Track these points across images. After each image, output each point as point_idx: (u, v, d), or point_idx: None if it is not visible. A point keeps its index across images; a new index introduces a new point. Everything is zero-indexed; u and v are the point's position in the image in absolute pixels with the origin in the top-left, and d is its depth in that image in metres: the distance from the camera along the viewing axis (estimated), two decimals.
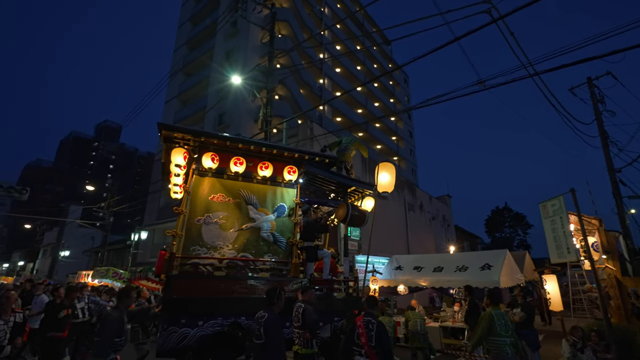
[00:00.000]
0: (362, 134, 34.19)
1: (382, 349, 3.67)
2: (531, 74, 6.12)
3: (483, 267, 8.06)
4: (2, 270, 50.77)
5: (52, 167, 79.42)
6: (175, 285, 4.34)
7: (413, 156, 43.81)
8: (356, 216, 5.91)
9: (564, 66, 5.09)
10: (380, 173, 7.84)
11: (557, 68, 5.19)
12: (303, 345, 4.04)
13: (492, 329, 4.35)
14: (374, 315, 4.04)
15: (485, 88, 6.26)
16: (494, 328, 4.35)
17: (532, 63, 6.08)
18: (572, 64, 4.98)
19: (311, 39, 27.49)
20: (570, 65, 5.05)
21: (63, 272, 30.92)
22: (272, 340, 3.49)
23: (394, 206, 18.37)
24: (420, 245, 18.84)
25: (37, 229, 41.40)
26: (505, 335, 4.38)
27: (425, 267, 9.07)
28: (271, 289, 3.88)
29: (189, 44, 28.10)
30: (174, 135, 4.95)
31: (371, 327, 3.76)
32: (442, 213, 25.18)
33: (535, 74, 6.11)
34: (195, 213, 4.88)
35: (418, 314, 6.94)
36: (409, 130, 44.28)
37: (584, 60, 4.96)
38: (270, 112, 10.55)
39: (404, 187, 20.24)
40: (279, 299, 3.78)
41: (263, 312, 3.64)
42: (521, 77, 6.05)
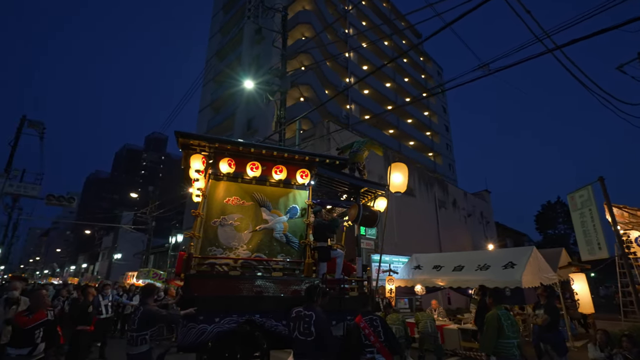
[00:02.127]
0: (393, 131, 33.42)
1: (391, 342, 3.78)
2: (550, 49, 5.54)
3: (506, 266, 7.51)
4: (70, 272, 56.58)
5: (109, 177, 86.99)
6: (193, 283, 4.57)
7: (450, 151, 41.96)
8: (368, 216, 5.87)
9: (595, 34, 4.57)
10: (392, 173, 7.66)
11: (587, 37, 4.62)
12: None
13: (501, 331, 4.03)
14: (373, 312, 4.16)
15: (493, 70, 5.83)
16: (502, 329, 4.03)
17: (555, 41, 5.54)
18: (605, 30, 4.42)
19: (335, 38, 27.46)
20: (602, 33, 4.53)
21: (118, 273, 33.69)
22: (324, 339, 3.48)
23: (423, 204, 17.71)
24: (454, 244, 17.95)
25: (95, 234, 45.51)
26: (513, 336, 4.05)
27: (445, 266, 8.64)
28: (311, 287, 3.89)
29: (218, 54, 29.34)
30: (190, 143, 5.26)
31: (376, 324, 3.86)
32: (479, 209, 23.80)
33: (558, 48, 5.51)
34: (211, 215, 5.12)
35: (427, 315, 6.69)
36: (444, 124, 42.52)
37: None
38: (284, 114, 10.70)
39: (434, 183, 19.43)
40: (318, 296, 3.75)
41: (305, 310, 3.58)
42: (541, 52, 5.50)
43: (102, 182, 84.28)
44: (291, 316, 3.53)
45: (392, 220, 14.40)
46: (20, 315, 4.28)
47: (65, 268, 61.94)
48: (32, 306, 4.34)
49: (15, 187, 15.57)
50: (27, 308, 4.46)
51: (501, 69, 5.73)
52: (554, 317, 4.93)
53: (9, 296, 5.17)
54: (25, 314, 4.29)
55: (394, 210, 14.72)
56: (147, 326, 3.98)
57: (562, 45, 5.26)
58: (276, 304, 4.81)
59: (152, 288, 4.60)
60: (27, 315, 4.27)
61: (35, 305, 4.33)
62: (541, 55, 5.58)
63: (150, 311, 4.07)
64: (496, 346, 4.02)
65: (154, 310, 4.08)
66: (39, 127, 19.85)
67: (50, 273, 64.55)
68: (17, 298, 5.15)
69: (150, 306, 4.25)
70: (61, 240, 78.04)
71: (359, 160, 7.50)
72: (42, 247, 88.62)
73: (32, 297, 4.58)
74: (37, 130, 19.85)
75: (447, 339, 7.79)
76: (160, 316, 4.10)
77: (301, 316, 3.54)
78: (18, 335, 4.15)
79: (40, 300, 4.43)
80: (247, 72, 23.57)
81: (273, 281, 4.93)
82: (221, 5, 32.17)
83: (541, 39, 5.55)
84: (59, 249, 72.10)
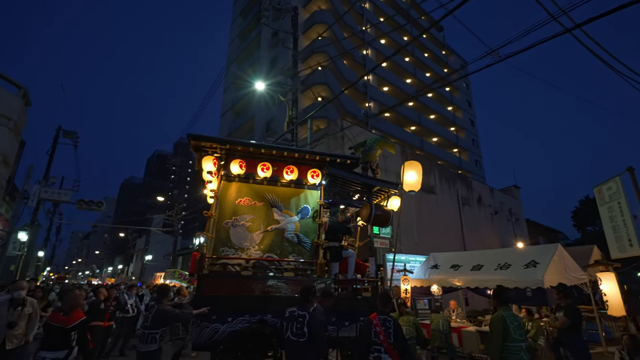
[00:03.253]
0: (415, 127, 32.65)
1: (400, 345, 3.79)
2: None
3: (528, 265, 7.07)
4: (108, 273, 59.80)
5: (142, 182, 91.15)
6: (205, 283, 4.65)
7: (476, 146, 40.43)
8: (380, 216, 5.76)
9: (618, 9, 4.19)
10: (406, 172, 7.46)
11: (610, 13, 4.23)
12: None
13: (507, 334, 3.78)
14: (388, 313, 4.07)
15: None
16: (508, 332, 3.78)
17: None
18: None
19: (352, 35, 27.21)
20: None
21: (149, 274, 35.19)
22: (317, 340, 3.54)
23: (444, 201, 17.13)
24: (480, 242, 17.21)
25: (129, 237, 47.80)
26: (520, 339, 3.79)
27: (463, 265, 8.28)
28: (307, 287, 3.93)
29: (237, 59, 29.93)
30: (202, 145, 5.37)
31: (388, 325, 3.87)
32: (507, 206, 22.69)
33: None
34: (223, 216, 5.20)
35: (441, 315, 6.49)
36: (469, 119, 41.03)
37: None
38: (296, 114, 10.72)
39: (456, 180, 18.74)
40: (314, 297, 3.85)
41: (299, 310, 3.62)
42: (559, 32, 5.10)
43: (136, 187, 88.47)
44: (284, 316, 3.49)
45: (411, 219, 14.03)
46: (57, 314, 3.92)
47: (104, 269, 65.59)
48: (66, 306, 3.94)
49: (50, 193, 16.59)
50: (59, 308, 4.12)
51: (514, 53, 5.39)
52: (574, 319, 4.54)
53: (15, 297, 4.77)
54: (60, 314, 3.92)
55: (413, 209, 14.34)
56: (159, 325, 4.08)
57: (582, 23, 4.85)
58: (288, 305, 4.80)
59: (167, 288, 4.73)
60: (63, 315, 3.88)
61: (71, 305, 3.93)
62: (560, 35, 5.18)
63: (164, 310, 4.17)
64: (502, 350, 3.75)
65: (168, 310, 4.19)
66: (73, 136, 21.07)
67: (91, 274, 68.62)
68: (24, 299, 4.79)
69: (165, 305, 4.35)
70: (100, 243, 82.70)
71: (372, 159, 7.37)
72: (83, 249, 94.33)
73: (66, 296, 4.13)
74: (72, 140, 21.09)
75: (465, 342, 7.45)
76: (173, 315, 4.21)
77: (294, 316, 3.51)
78: (54, 336, 3.74)
79: (76, 300, 4.03)
80: (265, 75, 23.88)
81: (284, 281, 4.93)
82: (239, 11, 32.81)
83: (557, 17, 5.17)
84: (97, 251, 76.52)
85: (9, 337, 4.53)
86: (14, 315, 4.62)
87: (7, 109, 16.49)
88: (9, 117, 16.57)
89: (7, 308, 4.63)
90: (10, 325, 4.55)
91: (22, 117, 18.41)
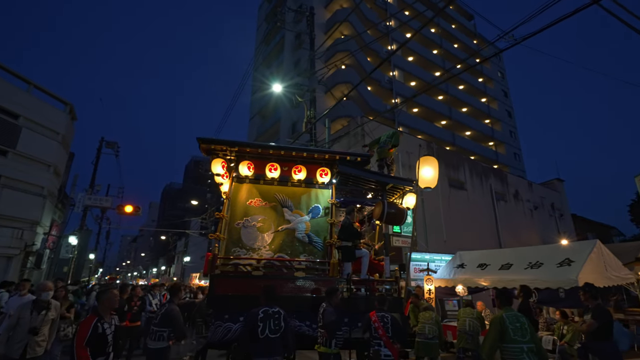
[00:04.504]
0: (445, 121, 31.45)
1: (397, 338, 4.20)
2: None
3: (561, 263, 6.54)
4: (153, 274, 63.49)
5: (181, 187, 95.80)
6: (217, 283, 4.80)
7: (515, 138, 38.16)
8: (393, 214, 5.64)
9: None
10: (421, 168, 7.22)
11: None
12: (322, 344, 4.18)
13: (505, 335, 3.58)
14: (386, 310, 4.44)
15: None
16: (506, 333, 3.59)
17: None
18: None
19: (375, 31, 26.78)
20: None
21: (188, 274, 36.90)
22: (289, 333, 3.73)
23: (476, 197, 16.31)
24: (517, 240, 16.20)
25: (169, 239, 50.43)
26: (522, 340, 3.54)
27: (491, 264, 7.82)
28: (269, 287, 3.98)
29: (263, 63, 30.56)
30: (212, 147, 5.55)
31: (386, 321, 4.23)
32: (549, 201, 21.16)
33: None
34: (235, 217, 5.34)
35: (469, 312, 6.15)
36: (506, 109, 38.81)
37: None
38: (314, 114, 10.72)
39: (489, 175, 17.76)
40: (275, 294, 3.94)
41: (271, 308, 3.70)
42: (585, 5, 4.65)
43: (175, 193, 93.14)
44: (258, 317, 3.50)
45: (439, 217, 13.51)
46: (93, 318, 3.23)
47: (149, 270, 69.74)
48: (103, 307, 3.25)
49: (93, 200, 17.86)
50: (95, 309, 3.42)
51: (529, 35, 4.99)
52: (603, 322, 4.11)
53: (42, 298, 4.27)
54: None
55: (441, 206, 13.81)
56: (166, 324, 4.07)
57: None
58: (299, 304, 4.80)
59: (179, 287, 4.83)
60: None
61: (107, 307, 3.29)
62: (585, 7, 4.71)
63: (172, 311, 4.18)
64: (502, 352, 3.57)
65: (175, 313, 4.18)
66: (114, 146, 22.58)
67: (138, 275, 73.35)
68: (49, 302, 4.32)
69: (175, 305, 4.43)
70: (146, 246, 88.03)
71: (386, 155, 7.20)
72: (131, 252, 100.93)
73: (103, 297, 3.38)
74: (113, 150, 22.61)
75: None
76: (175, 320, 4.15)
77: (269, 314, 3.55)
78: (102, 340, 3.06)
79: (112, 301, 3.38)
80: (289, 77, 24.16)
81: (295, 281, 4.95)
82: (264, 16, 33.50)
83: None
84: (143, 253, 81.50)
85: (30, 344, 4.05)
86: (37, 320, 4.14)
87: (56, 124, 18.02)
88: (57, 131, 18.09)
89: (30, 311, 4.13)
90: (33, 331, 4.07)
91: (69, 130, 20.05)
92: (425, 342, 5.72)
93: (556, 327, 6.67)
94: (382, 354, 4.07)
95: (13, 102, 15.77)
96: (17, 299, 5.12)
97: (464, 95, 33.72)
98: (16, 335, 4.02)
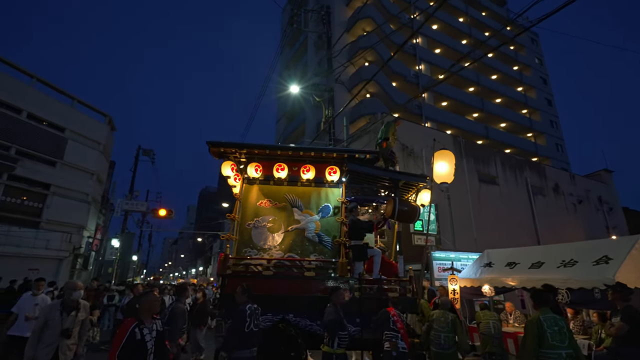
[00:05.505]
0: (477, 114, 30.06)
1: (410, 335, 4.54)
2: None
3: (598, 261, 5.98)
4: (192, 274, 66.45)
5: (216, 190, 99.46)
6: (229, 283, 4.95)
7: (556, 128, 35.64)
8: (405, 211, 5.50)
9: None
10: (436, 162, 6.95)
11: None
12: (326, 343, 4.19)
13: (542, 339, 3.30)
14: (400, 310, 4.61)
15: None
16: (544, 337, 3.30)
17: None
18: None
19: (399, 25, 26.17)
20: None
21: None
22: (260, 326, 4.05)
23: (510, 192, 15.40)
24: (558, 237, 15.06)
25: (205, 241, 52.53)
26: (560, 346, 3.27)
27: (520, 262, 7.35)
28: (246, 286, 4.09)
29: (288, 65, 30.96)
30: (221, 150, 5.71)
31: (403, 317, 4.54)
32: (595, 194, 19.52)
33: None
34: (245, 218, 5.48)
35: (491, 314, 5.82)
36: (545, 98, 36.35)
37: None
38: (332, 112, 10.68)
39: (524, 168, 16.70)
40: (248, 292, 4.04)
41: (253, 304, 3.95)
42: None
43: (211, 195, 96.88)
44: (247, 313, 3.70)
45: (469, 214, 12.92)
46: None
47: (189, 271, 73.10)
48: (144, 310, 2.87)
49: (130, 205, 18.99)
50: (134, 312, 2.94)
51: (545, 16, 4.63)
52: (632, 325, 3.72)
53: (73, 297, 3.98)
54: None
55: (470, 202, 13.21)
56: (169, 322, 4.19)
57: None
58: (309, 304, 4.82)
59: (185, 287, 5.03)
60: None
61: (147, 310, 2.90)
62: None
63: (176, 310, 4.37)
64: (539, 357, 3.26)
65: (176, 312, 4.34)
66: (150, 154, 23.89)
67: (179, 275, 77.16)
68: (78, 302, 4.05)
69: (180, 304, 4.64)
70: (186, 247, 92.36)
71: (383, 150, 6.98)
72: (172, 253, 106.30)
73: (145, 299, 2.96)
74: (149, 157, 23.93)
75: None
76: (174, 320, 4.24)
77: (253, 310, 3.79)
78: (141, 348, 2.70)
79: (153, 305, 2.95)
80: (313, 78, 24.28)
81: (305, 281, 4.98)
82: (287, 19, 33.91)
83: None
84: (183, 255, 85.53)
85: (62, 348, 3.81)
86: (68, 321, 3.89)
87: (97, 135, 19.46)
88: (98, 141, 19.51)
89: (59, 312, 3.87)
90: (65, 334, 3.82)
91: (109, 140, 21.56)
92: (439, 353, 5.08)
93: (594, 331, 6.13)
94: (400, 346, 4.22)
95: (60, 116, 17.23)
96: (30, 298, 4.90)
97: (497, 85, 32.03)
98: (45, 339, 3.74)
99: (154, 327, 2.89)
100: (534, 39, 39.72)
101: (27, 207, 15.47)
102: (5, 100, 14.80)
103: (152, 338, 2.81)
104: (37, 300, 4.88)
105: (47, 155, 16.27)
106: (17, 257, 14.33)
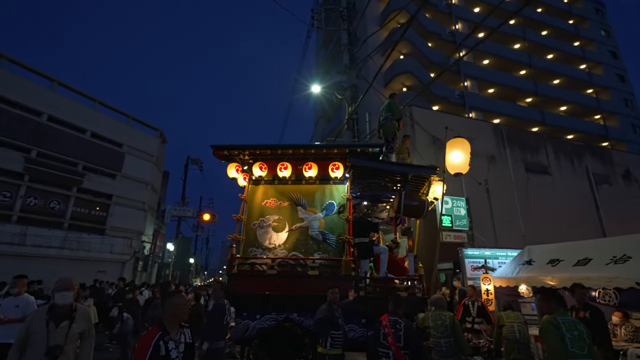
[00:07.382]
0: (531, 99, 27.46)
1: (411, 350, 3.45)
2: None
3: None
4: None
5: None
6: (235, 282, 5.12)
7: (632, 107, 31.20)
8: (412, 206, 5.27)
9: None
10: (449, 152, 6.50)
11: None
12: (320, 344, 4.10)
13: (562, 345, 2.91)
14: (401, 315, 3.74)
15: None
16: (563, 343, 2.90)
17: None
18: None
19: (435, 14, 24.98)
20: None
21: None
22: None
23: (565, 182, 13.75)
24: (628, 229, 12.98)
25: None
26: (580, 354, 2.84)
27: (565, 259, 6.55)
28: (219, 283, 4.42)
29: (323, 66, 31.14)
30: (225, 153, 5.94)
31: (399, 327, 3.56)
32: None
33: None
34: (251, 218, 5.61)
35: (515, 316, 5.25)
36: (616, 74, 32.00)
37: None
38: (354, 109, 10.49)
39: (584, 153, 14.81)
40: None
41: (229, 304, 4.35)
42: None
43: None
44: (226, 308, 4.11)
45: (514, 207, 11.82)
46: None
47: None
48: (169, 317, 2.26)
49: (177, 211, 20.47)
50: (157, 320, 2.33)
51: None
52: None
53: (60, 302, 2.74)
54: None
55: (515, 195, 12.08)
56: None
57: None
58: (313, 303, 4.78)
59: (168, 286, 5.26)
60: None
61: (175, 316, 2.27)
62: None
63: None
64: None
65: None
66: (198, 162, 25.56)
67: None
68: (71, 306, 2.80)
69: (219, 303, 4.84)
70: None
71: (392, 131, 6.65)
72: None
73: (170, 301, 2.30)
74: (197, 165, 25.61)
75: None
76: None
77: (228, 305, 4.16)
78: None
79: (181, 311, 2.29)
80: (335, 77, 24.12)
81: (309, 280, 4.95)
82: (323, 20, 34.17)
83: None
84: None
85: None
86: (57, 335, 2.66)
87: (150, 148, 21.37)
88: (152, 154, 21.40)
89: (45, 322, 2.67)
90: (52, 354, 2.59)
91: (161, 152, 23.54)
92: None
93: None
94: None
95: (117, 133, 19.24)
96: (10, 300, 4.05)
97: (553, 65, 28.97)
98: (28, 358, 2.58)
99: (181, 340, 2.23)
100: (598, 9, 35.25)
101: (94, 216, 17.50)
102: (74, 123, 16.94)
103: (179, 354, 2.16)
104: (19, 301, 4.00)
105: (108, 168, 18.27)
106: (88, 260, 16.27)
